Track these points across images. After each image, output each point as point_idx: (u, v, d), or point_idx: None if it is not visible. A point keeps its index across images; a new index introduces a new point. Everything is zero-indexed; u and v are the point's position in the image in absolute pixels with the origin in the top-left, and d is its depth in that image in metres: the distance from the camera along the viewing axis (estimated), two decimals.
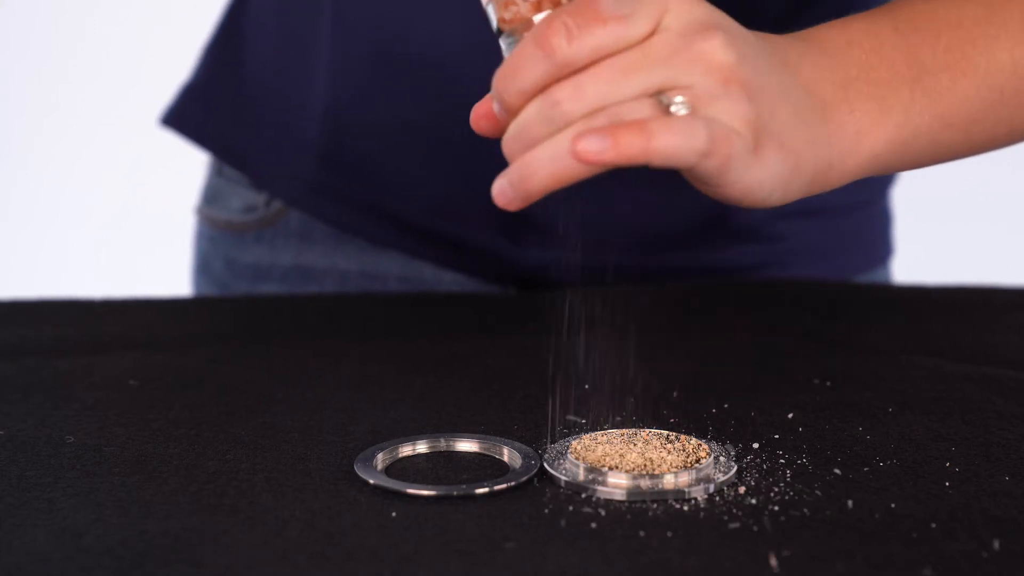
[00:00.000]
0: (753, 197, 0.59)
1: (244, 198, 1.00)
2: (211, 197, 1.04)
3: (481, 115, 0.61)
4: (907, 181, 1.20)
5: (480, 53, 0.88)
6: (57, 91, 2.12)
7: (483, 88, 0.88)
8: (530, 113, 0.57)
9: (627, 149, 0.54)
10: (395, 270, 0.97)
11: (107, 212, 2.14)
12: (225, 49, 1.01)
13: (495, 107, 0.59)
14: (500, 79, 0.57)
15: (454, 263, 0.96)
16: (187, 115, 1.02)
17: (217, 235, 1.02)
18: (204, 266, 1.05)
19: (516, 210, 0.58)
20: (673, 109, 0.56)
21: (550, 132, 0.56)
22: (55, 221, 2.16)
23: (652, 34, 0.56)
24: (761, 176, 0.58)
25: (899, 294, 0.96)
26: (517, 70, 0.56)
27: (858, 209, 1.00)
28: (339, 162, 0.95)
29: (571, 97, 0.56)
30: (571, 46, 0.55)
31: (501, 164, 0.94)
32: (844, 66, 0.62)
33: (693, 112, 0.56)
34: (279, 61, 0.97)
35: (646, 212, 0.93)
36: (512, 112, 0.58)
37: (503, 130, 0.60)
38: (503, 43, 0.60)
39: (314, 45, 0.94)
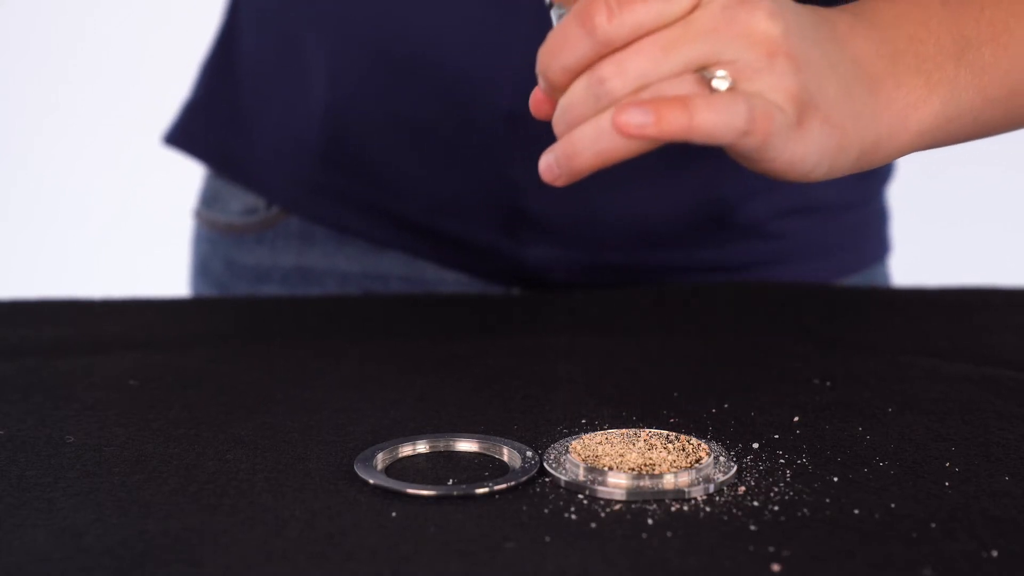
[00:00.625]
0: (796, 171, 0.58)
1: (244, 200, 1.00)
2: (210, 199, 1.04)
3: (539, 100, 0.60)
4: (908, 181, 1.20)
5: (479, 51, 0.88)
6: (57, 92, 2.12)
7: (482, 86, 0.89)
8: (576, 91, 0.57)
9: (669, 125, 0.54)
10: (396, 270, 0.97)
11: (107, 213, 2.14)
12: (222, 62, 1.02)
13: (540, 84, 0.58)
14: (544, 56, 0.57)
15: (455, 262, 0.96)
16: (188, 132, 1.03)
17: (217, 237, 1.03)
18: (203, 268, 1.05)
19: (563, 185, 0.58)
20: (714, 84, 0.55)
21: (596, 110, 0.56)
22: (55, 221, 2.16)
23: (695, 8, 0.56)
24: (804, 150, 0.58)
25: (898, 295, 0.96)
26: (560, 48, 0.56)
27: (855, 207, 1.00)
28: (340, 162, 0.95)
29: (615, 74, 0.55)
30: (611, 23, 0.55)
31: (500, 162, 0.94)
32: (893, 40, 0.62)
33: (735, 87, 0.56)
34: (276, 65, 0.97)
35: (644, 209, 0.93)
36: (558, 89, 0.57)
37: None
38: (553, 15, 0.60)
39: (311, 47, 0.94)
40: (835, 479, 0.60)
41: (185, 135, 1.03)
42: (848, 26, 0.61)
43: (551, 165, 0.57)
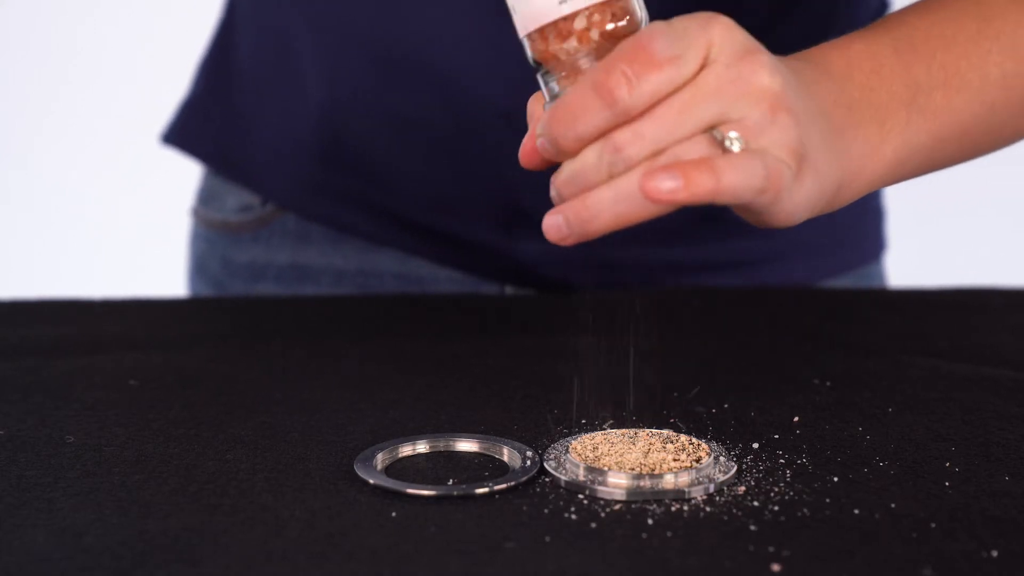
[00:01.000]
0: (789, 222, 0.60)
1: (240, 198, 1.00)
2: (207, 198, 1.04)
3: (530, 151, 0.60)
4: (911, 185, 1.20)
5: (474, 49, 0.88)
6: (56, 92, 2.12)
7: (478, 84, 0.89)
8: (589, 158, 0.57)
9: (698, 188, 0.55)
10: (391, 268, 0.97)
11: (107, 212, 2.14)
12: (219, 61, 1.02)
13: (543, 146, 0.58)
14: (556, 124, 0.57)
15: (451, 259, 0.96)
16: (185, 131, 1.03)
17: (213, 235, 1.03)
18: (200, 266, 1.05)
19: (572, 245, 0.58)
20: (728, 145, 0.56)
21: (609, 176, 0.56)
22: (55, 221, 2.16)
23: (701, 69, 0.57)
24: (799, 201, 0.59)
25: (898, 295, 0.96)
26: (577, 118, 0.56)
27: (850, 205, 1.00)
28: (337, 160, 0.95)
29: (631, 141, 0.56)
30: (632, 95, 0.55)
31: (496, 160, 0.94)
32: (848, 89, 0.63)
33: (747, 146, 0.57)
34: (273, 65, 0.97)
35: None
36: (567, 156, 0.58)
37: (549, 164, 0.60)
38: (540, 78, 0.60)
39: (308, 46, 0.94)
40: (835, 479, 0.60)
41: (182, 134, 1.03)
42: (812, 75, 0.62)
43: (560, 226, 0.58)
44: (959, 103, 0.66)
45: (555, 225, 0.58)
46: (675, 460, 0.60)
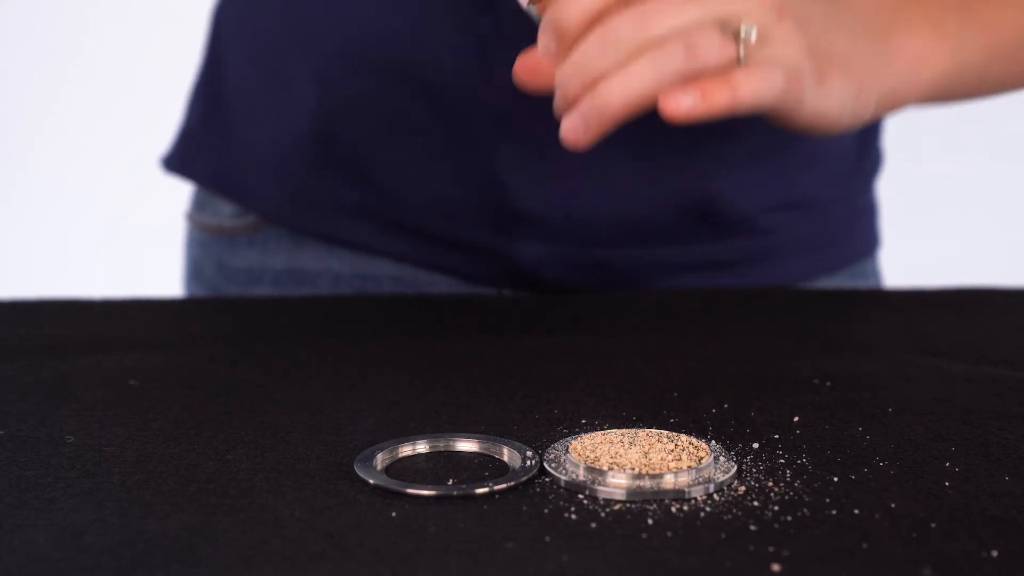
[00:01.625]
0: (823, 123, 0.61)
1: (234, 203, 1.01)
2: (202, 202, 1.04)
3: (524, 68, 0.61)
4: (908, 182, 1.20)
5: (465, 48, 0.88)
6: (57, 93, 2.12)
7: (469, 86, 0.89)
8: (590, 45, 0.57)
9: (716, 103, 0.56)
10: (389, 271, 0.97)
11: (107, 213, 2.14)
12: (210, 84, 1.02)
13: (545, 44, 0.59)
14: (559, 7, 0.57)
15: (447, 266, 0.96)
16: (184, 157, 1.03)
17: (208, 240, 1.03)
18: (196, 271, 1.05)
19: (585, 149, 0.58)
20: (743, 35, 0.57)
21: (613, 62, 0.57)
22: (55, 222, 2.16)
23: None
24: (828, 102, 0.60)
25: (897, 295, 0.96)
26: None
27: (843, 202, 1.00)
28: (330, 167, 0.95)
29: (634, 25, 0.56)
30: None
31: (489, 161, 0.94)
32: None
33: (761, 41, 0.57)
34: (263, 79, 0.97)
35: (631, 204, 0.93)
36: (566, 43, 0.58)
37: (546, 84, 0.60)
38: (529, 10, 0.60)
39: (297, 56, 0.94)
40: (835, 479, 0.60)
41: (182, 161, 1.03)
42: None
43: (576, 125, 0.58)
44: (1010, 16, 0.67)
45: (571, 126, 0.58)
46: (675, 460, 0.60)
